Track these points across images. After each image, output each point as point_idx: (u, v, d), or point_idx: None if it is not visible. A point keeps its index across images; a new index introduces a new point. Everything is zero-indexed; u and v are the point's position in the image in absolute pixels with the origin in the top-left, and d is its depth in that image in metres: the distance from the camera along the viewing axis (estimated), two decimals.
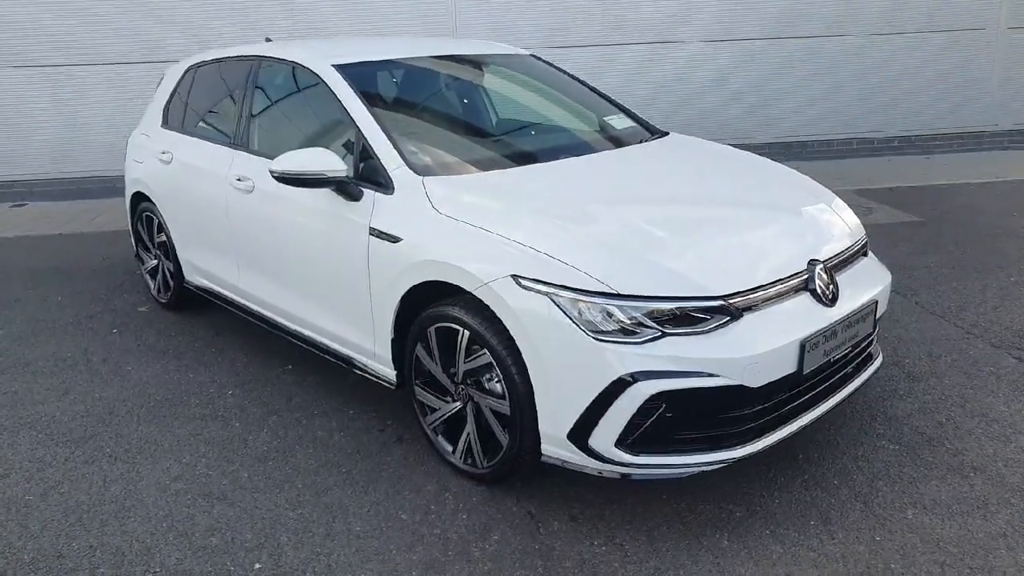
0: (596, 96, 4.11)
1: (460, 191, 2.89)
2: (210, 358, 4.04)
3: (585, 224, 2.67)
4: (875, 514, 2.63)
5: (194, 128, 4.35)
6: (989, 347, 3.85)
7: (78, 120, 7.83)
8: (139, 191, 4.67)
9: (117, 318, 4.65)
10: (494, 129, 4.04)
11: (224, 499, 2.84)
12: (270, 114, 3.90)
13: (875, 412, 3.27)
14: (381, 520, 2.69)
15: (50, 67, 7.66)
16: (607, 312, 2.37)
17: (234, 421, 3.39)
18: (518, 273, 2.49)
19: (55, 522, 2.74)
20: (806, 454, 2.98)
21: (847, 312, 2.68)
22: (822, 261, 2.71)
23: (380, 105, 3.45)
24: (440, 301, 2.78)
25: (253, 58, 3.99)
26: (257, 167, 3.56)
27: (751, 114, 8.50)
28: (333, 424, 3.33)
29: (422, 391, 2.98)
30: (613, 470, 2.47)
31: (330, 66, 3.44)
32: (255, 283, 3.76)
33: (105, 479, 2.98)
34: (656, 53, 8.22)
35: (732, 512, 2.67)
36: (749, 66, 8.36)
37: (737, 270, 2.53)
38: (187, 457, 3.12)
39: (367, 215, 2.99)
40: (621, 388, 2.34)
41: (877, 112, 8.64)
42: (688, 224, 2.77)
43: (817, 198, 3.20)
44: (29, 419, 3.47)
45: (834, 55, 8.42)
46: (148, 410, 3.52)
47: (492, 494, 2.80)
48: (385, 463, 3.03)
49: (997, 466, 2.88)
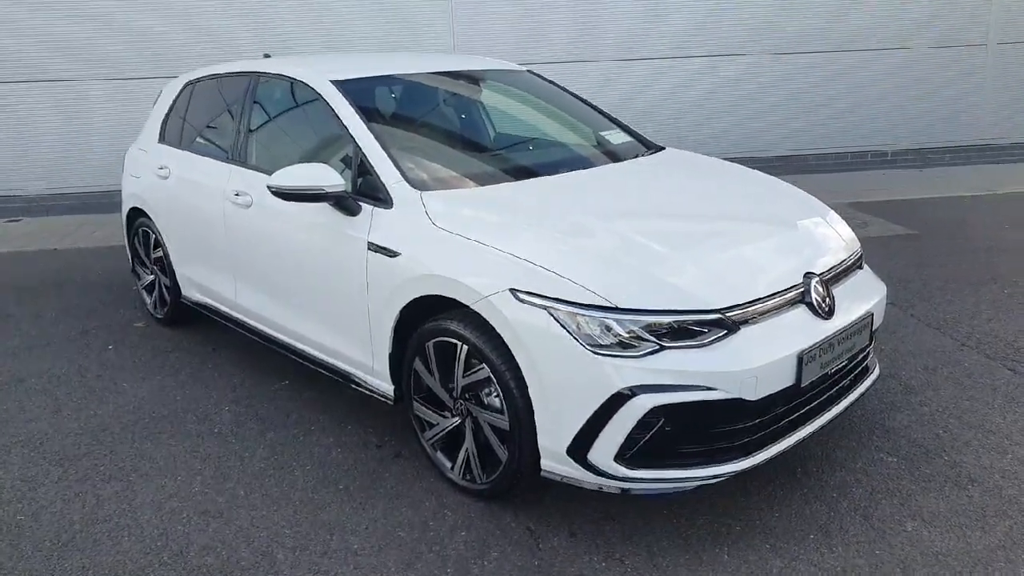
0: (593, 111, 4.13)
1: (458, 205, 2.90)
2: (207, 374, 4.03)
3: (583, 238, 2.67)
4: (874, 527, 2.62)
5: (192, 143, 4.35)
6: (984, 359, 3.87)
7: (76, 134, 7.83)
8: (136, 206, 4.67)
9: (113, 334, 4.63)
10: (492, 144, 4.06)
11: (220, 517, 2.81)
12: (268, 129, 3.91)
13: (873, 425, 3.27)
14: (379, 537, 2.67)
15: (47, 81, 7.67)
16: (605, 326, 2.38)
17: (231, 438, 3.38)
18: (516, 287, 2.49)
19: (47, 542, 2.70)
20: (804, 467, 2.97)
21: (843, 325, 2.69)
22: (818, 274, 2.73)
23: (378, 120, 3.46)
24: (438, 315, 2.78)
25: (251, 74, 4.00)
26: (255, 182, 3.57)
27: (746, 128, 8.57)
28: (331, 440, 3.32)
29: (420, 406, 2.97)
30: (612, 485, 2.46)
31: (328, 82, 3.45)
32: (252, 298, 3.75)
33: (99, 498, 2.96)
34: (657, 69, 8.29)
35: (731, 526, 2.66)
36: (744, 80, 8.43)
37: (734, 283, 2.54)
38: (183, 474, 3.10)
39: (365, 230, 2.99)
40: (620, 402, 2.34)
41: (871, 126, 8.72)
42: (685, 238, 2.78)
43: (812, 211, 3.22)
44: (21, 437, 3.44)
45: (828, 69, 8.50)
46: (143, 427, 3.49)
47: (491, 510, 2.79)
48: (383, 479, 3.01)
49: (994, 478, 2.88)
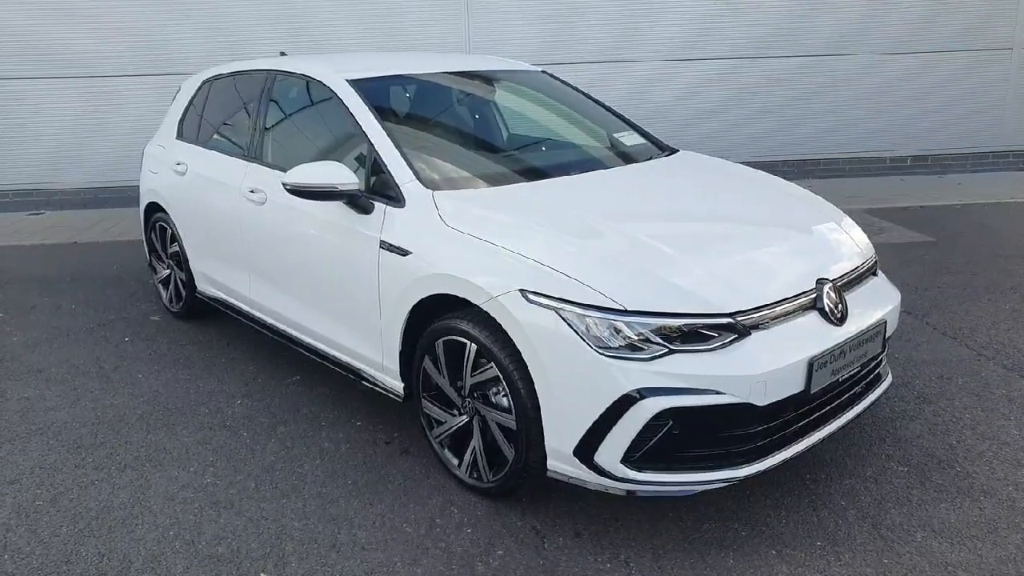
0: (606, 112, 4.13)
1: (470, 205, 2.91)
2: (220, 368, 4.07)
3: (594, 240, 2.68)
4: (883, 536, 2.61)
5: (209, 140, 4.39)
6: (1001, 369, 3.82)
7: (97, 129, 7.93)
8: (153, 201, 4.72)
9: (130, 327, 4.70)
10: (505, 144, 4.07)
11: (231, 508, 2.85)
12: (284, 127, 3.94)
13: (884, 433, 3.25)
14: (386, 533, 2.69)
15: (70, 78, 7.78)
16: (614, 328, 2.38)
17: (242, 431, 3.41)
18: (526, 287, 2.50)
19: (64, 528, 2.76)
20: (813, 474, 2.96)
21: (856, 332, 2.67)
22: (831, 280, 2.71)
23: (392, 119, 3.48)
24: (448, 314, 2.80)
25: (268, 72, 4.04)
26: (270, 179, 3.60)
27: (761, 132, 8.51)
28: (340, 435, 3.34)
29: (429, 404, 2.99)
30: (619, 487, 2.46)
31: (343, 80, 3.48)
32: (266, 294, 3.79)
33: (114, 486, 3.01)
34: (671, 69, 8.26)
35: (738, 531, 2.65)
36: (762, 84, 8.38)
37: (746, 288, 2.53)
38: (195, 466, 3.14)
39: (378, 228, 3.01)
40: (628, 404, 2.34)
41: (890, 131, 8.63)
42: (697, 241, 2.77)
43: (827, 217, 3.20)
44: (41, 425, 3.50)
45: (848, 73, 8.43)
46: (158, 418, 3.54)
47: (497, 508, 2.80)
48: (391, 475, 3.03)
49: (1008, 490, 2.85)
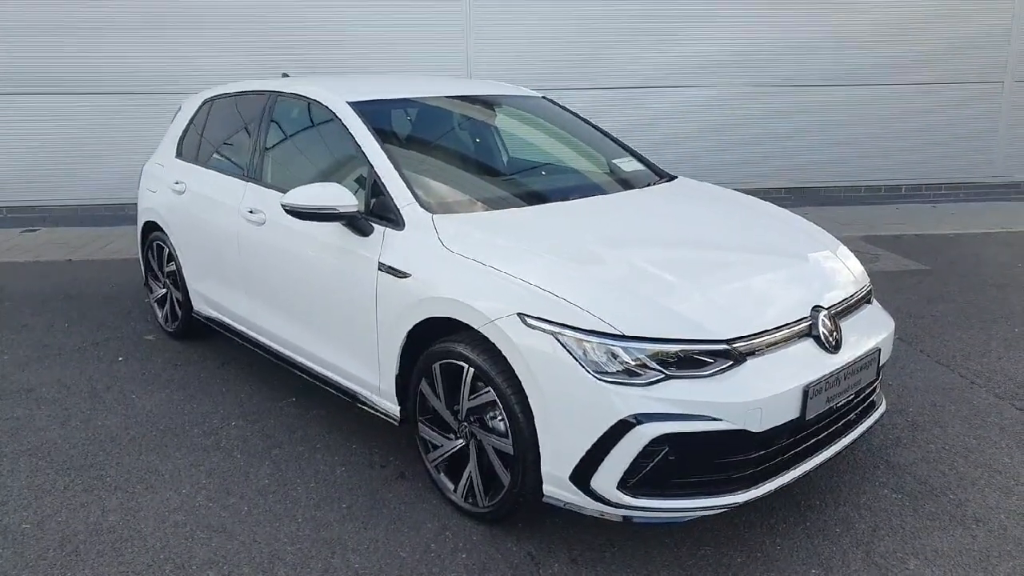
0: (606, 138, 4.17)
1: (469, 229, 2.93)
2: (215, 389, 4.06)
3: (592, 265, 2.69)
4: (876, 564, 2.61)
5: (208, 160, 4.41)
6: (993, 397, 3.84)
7: (93, 147, 7.95)
8: (151, 220, 4.73)
9: (123, 346, 4.67)
10: (505, 168, 4.10)
11: (223, 531, 2.83)
12: (284, 148, 3.96)
13: (878, 460, 3.26)
14: (380, 557, 2.67)
15: (66, 95, 7.80)
16: (612, 353, 2.39)
17: (236, 453, 3.39)
18: (525, 311, 2.51)
19: (51, 551, 2.72)
20: (808, 501, 2.96)
21: (850, 359, 2.69)
22: (826, 308, 2.73)
23: (393, 142, 3.51)
24: (446, 337, 2.80)
25: (269, 93, 4.07)
26: (269, 200, 3.61)
27: (759, 159, 8.59)
28: (335, 458, 3.33)
29: (425, 428, 2.98)
30: (615, 513, 2.46)
31: (345, 103, 3.51)
32: (263, 315, 3.79)
33: (103, 508, 2.98)
34: (669, 97, 8.35)
35: (733, 558, 2.65)
36: (758, 112, 8.47)
37: (742, 315, 2.55)
38: (187, 488, 3.11)
39: (376, 250, 3.02)
40: (624, 430, 2.35)
41: (885, 160, 8.73)
42: (694, 267, 2.79)
43: (822, 245, 3.23)
44: (30, 446, 3.47)
45: (844, 103, 8.54)
46: (150, 439, 3.52)
47: (492, 534, 2.79)
48: (386, 499, 3.02)
49: (1000, 518, 2.86)
